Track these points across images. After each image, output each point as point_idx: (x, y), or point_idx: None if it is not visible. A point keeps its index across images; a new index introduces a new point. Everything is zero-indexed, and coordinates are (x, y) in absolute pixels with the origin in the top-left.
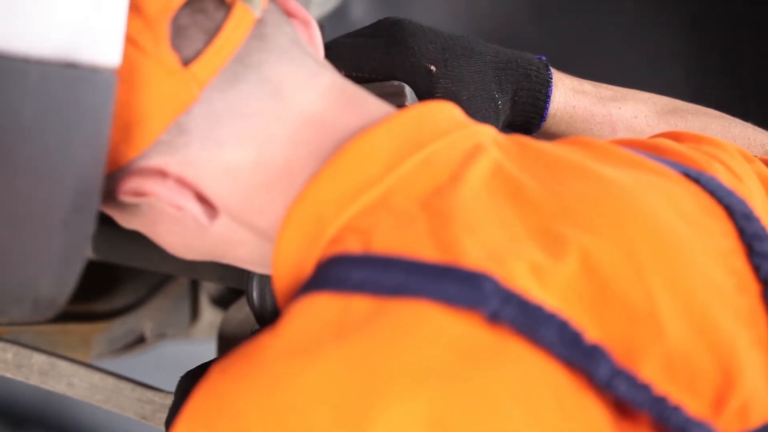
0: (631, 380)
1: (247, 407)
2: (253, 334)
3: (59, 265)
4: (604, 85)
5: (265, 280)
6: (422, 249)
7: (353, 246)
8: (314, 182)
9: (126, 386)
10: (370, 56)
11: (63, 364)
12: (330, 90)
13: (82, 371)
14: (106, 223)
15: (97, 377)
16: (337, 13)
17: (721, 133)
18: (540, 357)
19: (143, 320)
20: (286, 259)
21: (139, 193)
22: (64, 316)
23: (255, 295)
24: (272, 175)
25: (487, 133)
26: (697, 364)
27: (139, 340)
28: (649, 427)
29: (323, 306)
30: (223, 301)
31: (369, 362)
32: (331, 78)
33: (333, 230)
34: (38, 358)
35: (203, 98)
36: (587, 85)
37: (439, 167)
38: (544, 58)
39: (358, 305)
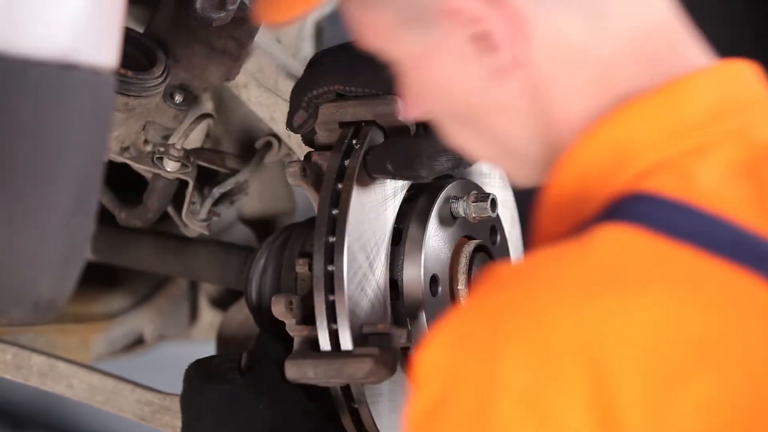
0: None
1: (547, 320)
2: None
3: (59, 265)
4: None
5: (264, 281)
6: (747, 216)
7: (671, 187)
8: (638, 103)
9: (125, 387)
10: (362, 71)
11: (62, 366)
12: (674, 12)
13: (82, 372)
14: (106, 223)
15: (96, 378)
16: (338, 13)
17: None
18: None
19: (143, 321)
20: (578, 165)
21: (467, 13)
22: (64, 317)
23: (254, 296)
24: (595, 65)
25: None
26: None
27: (139, 342)
28: None
29: (641, 244)
30: (222, 303)
31: (699, 328)
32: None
33: (645, 162)
34: (37, 360)
35: None
36: None
37: (758, 135)
38: None
39: (686, 258)
